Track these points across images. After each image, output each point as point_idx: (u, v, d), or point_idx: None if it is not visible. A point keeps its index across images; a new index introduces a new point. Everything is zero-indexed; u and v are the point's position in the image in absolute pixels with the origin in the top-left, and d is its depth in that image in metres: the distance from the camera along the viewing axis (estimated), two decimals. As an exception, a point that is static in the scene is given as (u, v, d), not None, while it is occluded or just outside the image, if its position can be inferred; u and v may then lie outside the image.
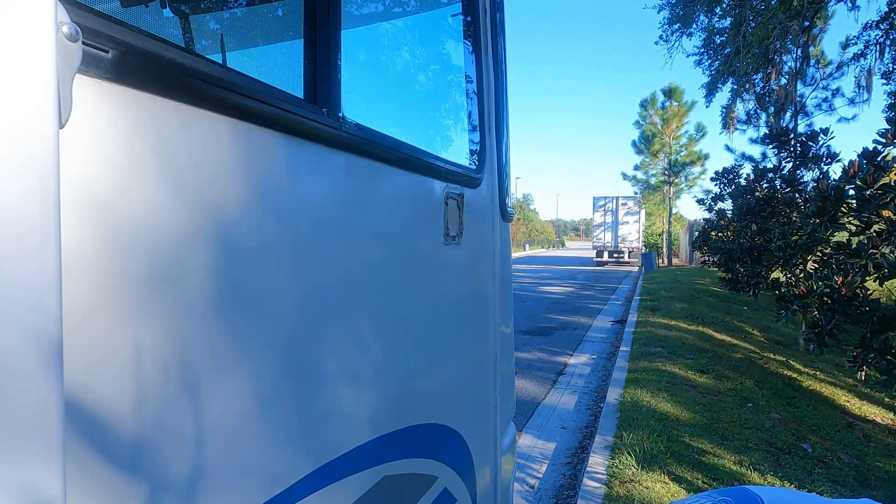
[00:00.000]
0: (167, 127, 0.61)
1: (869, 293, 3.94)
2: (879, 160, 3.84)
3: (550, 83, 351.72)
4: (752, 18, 13.28)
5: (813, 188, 5.68)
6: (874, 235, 3.98)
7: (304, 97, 0.93)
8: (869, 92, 14.10)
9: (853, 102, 14.81)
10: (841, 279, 3.96)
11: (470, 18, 1.67)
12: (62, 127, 0.44)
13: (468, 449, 1.57)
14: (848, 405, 5.75)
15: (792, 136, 8.20)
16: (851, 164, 3.97)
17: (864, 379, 5.93)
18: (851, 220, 4.24)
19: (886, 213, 3.84)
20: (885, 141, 3.89)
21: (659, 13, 15.02)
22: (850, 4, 12.44)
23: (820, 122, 24.75)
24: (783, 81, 15.03)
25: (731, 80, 15.60)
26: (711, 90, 16.24)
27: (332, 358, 0.94)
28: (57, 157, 0.41)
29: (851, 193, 4.12)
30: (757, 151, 19.39)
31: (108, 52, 0.52)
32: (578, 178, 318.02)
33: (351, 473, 0.99)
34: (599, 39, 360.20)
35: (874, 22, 13.13)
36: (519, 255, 46.39)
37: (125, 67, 0.54)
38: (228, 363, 0.71)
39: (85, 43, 0.48)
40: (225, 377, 0.70)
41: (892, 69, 13.43)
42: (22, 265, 0.38)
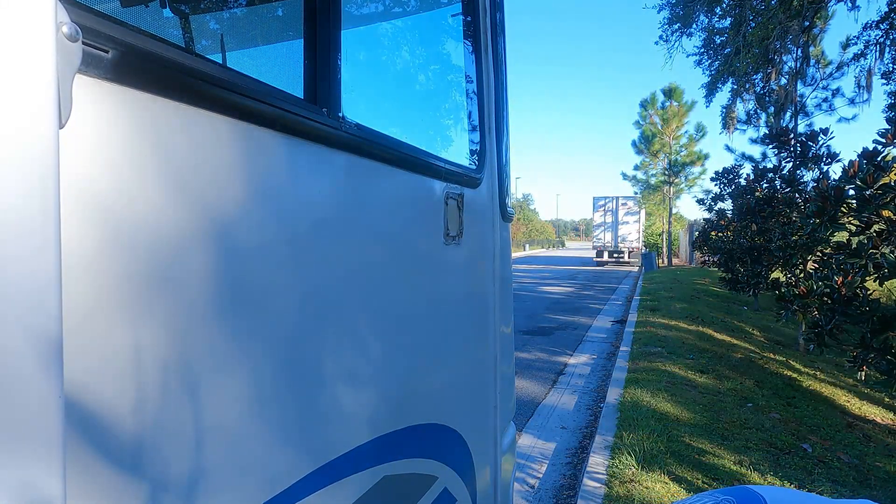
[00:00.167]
0: (167, 127, 0.61)
1: (869, 293, 3.94)
2: (879, 160, 3.84)
3: (550, 83, 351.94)
4: (752, 18, 13.28)
5: (813, 188, 5.69)
6: (874, 235, 3.98)
7: (304, 97, 0.92)
8: (869, 92, 14.12)
9: (853, 102, 14.84)
10: (841, 279, 3.96)
11: (470, 18, 1.66)
12: (62, 127, 0.44)
13: (468, 449, 1.57)
14: (848, 405, 5.75)
15: (792, 136, 8.20)
16: (851, 164, 3.97)
17: (864, 379, 5.93)
18: (851, 220, 4.24)
19: (886, 213, 3.84)
20: (884, 141, 3.89)
21: (659, 13, 15.05)
22: (850, 4, 12.45)
23: (820, 122, 24.77)
24: (783, 81, 15.04)
25: (731, 80, 15.61)
26: (711, 90, 16.24)
27: (332, 358, 0.94)
28: (57, 157, 0.41)
29: (851, 193, 4.12)
30: (757, 151, 19.43)
31: (108, 52, 0.52)
32: (578, 178, 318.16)
33: (351, 473, 0.99)
34: (599, 40, 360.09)
35: (874, 22, 13.15)
36: (519, 255, 46.39)
37: (125, 67, 0.54)
38: (228, 363, 0.71)
39: (85, 43, 0.48)
40: (225, 377, 0.70)
41: (892, 69, 13.44)
42: (22, 265, 0.38)
